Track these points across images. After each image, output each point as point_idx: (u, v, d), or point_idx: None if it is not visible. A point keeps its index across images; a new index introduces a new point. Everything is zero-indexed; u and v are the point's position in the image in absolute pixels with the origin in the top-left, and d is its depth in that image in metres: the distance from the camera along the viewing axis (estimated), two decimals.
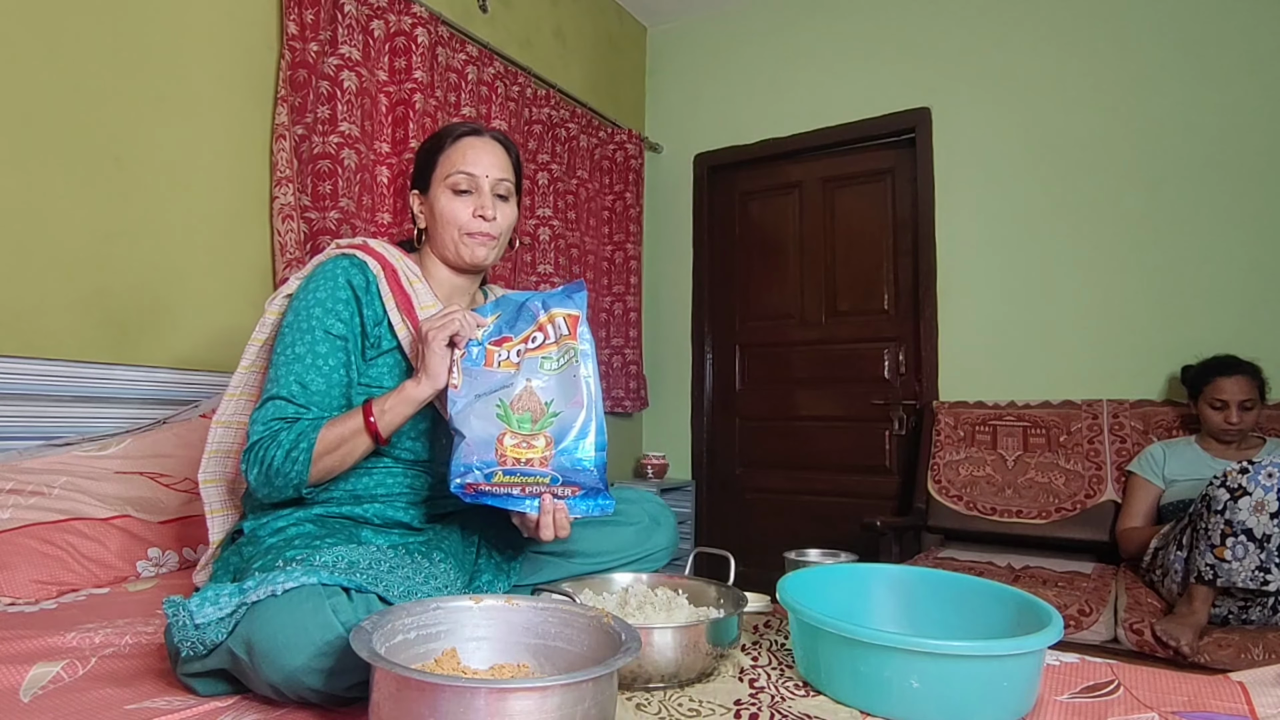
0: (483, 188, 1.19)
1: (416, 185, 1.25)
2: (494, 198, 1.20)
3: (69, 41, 1.65)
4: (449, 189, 1.19)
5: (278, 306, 1.19)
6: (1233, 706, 0.85)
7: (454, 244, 1.20)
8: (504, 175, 1.21)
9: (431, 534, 1.17)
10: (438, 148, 1.22)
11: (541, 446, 1.01)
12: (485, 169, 1.19)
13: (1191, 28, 2.62)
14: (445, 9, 2.54)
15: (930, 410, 2.89)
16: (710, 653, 0.95)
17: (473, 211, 1.18)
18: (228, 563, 1.07)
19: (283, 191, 2.00)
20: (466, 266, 1.22)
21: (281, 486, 1.04)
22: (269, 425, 1.05)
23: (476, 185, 1.19)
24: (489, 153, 1.21)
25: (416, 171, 1.26)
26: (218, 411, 1.21)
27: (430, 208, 1.22)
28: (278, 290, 1.21)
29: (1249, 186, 2.51)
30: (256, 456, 1.04)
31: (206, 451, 1.19)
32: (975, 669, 0.81)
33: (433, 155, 1.22)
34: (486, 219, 1.19)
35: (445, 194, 1.19)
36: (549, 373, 1.05)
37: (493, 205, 1.19)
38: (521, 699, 0.62)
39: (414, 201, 1.25)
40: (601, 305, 3.33)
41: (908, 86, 3.10)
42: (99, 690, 0.85)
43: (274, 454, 1.03)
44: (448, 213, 1.18)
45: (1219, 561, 1.68)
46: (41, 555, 1.28)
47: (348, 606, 0.81)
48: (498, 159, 1.22)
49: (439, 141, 1.23)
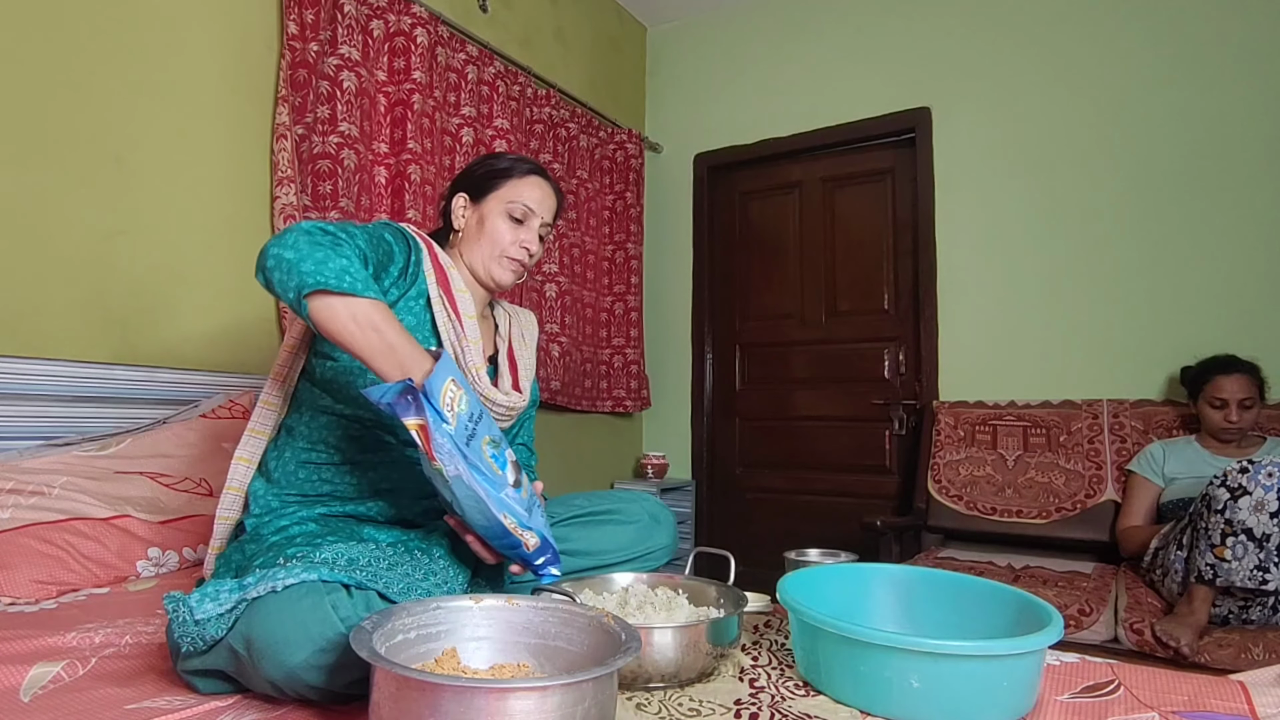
0: (533, 224, 1.31)
1: (466, 190, 1.32)
2: (537, 235, 1.31)
3: (69, 41, 1.65)
4: (507, 213, 1.29)
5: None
6: (1233, 706, 0.85)
7: (488, 260, 1.29)
8: (550, 220, 1.34)
9: (432, 530, 1.18)
10: (506, 173, 1.31)
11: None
12: (542, 210, 1.32)
13: (1191, 27, 2.61)
14: (445, 9, 2.54)
15: (930, 410, 2.89)
16: (710, 652, 0.95)
17: (519, 241, 1.29)
18: (230, 560, 1.07)
19: (284, 191, 2.00)
20: (489, 283, 1.31)
21: (283, 280, 0.93)
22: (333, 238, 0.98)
23: (529, 220, 1.30)
24: (549, 196, 1.34)
25: (471, 179, 1.33)
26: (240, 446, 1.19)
27: (479, 219, 1.30)
28: None
29: (1249, 186, 2.51)
30: (313, 236, 0.95)
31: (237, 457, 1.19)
32: (975, 669, 0.81)
33: (498, 176, 1.31)
34: (530, 251, 1.30)
35: (501, 216, 1.29)
36: (428, 469, 0.94)
37: (536, 241, 1.31)
38: (521, 699, 0.62)
39: (458, 203, 1.32)
40: (603, 305, 3.33)
41: (908, 86, 3.10)
42: (99, 690, 0.85)
43: (335, 252, 0.94)
44: (497, 232, 1.28)
45: (1219, 561, 1.68)
46: (41, 555, 1.28)
47: (347, 603, 0.81)
48: (551, 204, 1.35)
49: (509, 167, 1.32)
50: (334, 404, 1.16)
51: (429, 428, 0.89)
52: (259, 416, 1.20)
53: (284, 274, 0.93)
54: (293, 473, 1.14)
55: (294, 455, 1.15)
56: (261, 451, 1.19)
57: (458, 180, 1.36)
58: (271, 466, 1.15)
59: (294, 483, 1.14)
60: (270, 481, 1.14)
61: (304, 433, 1.16)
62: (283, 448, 1.16)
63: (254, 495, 1.14)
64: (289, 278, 0.93)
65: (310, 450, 1.15)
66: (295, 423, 1.17)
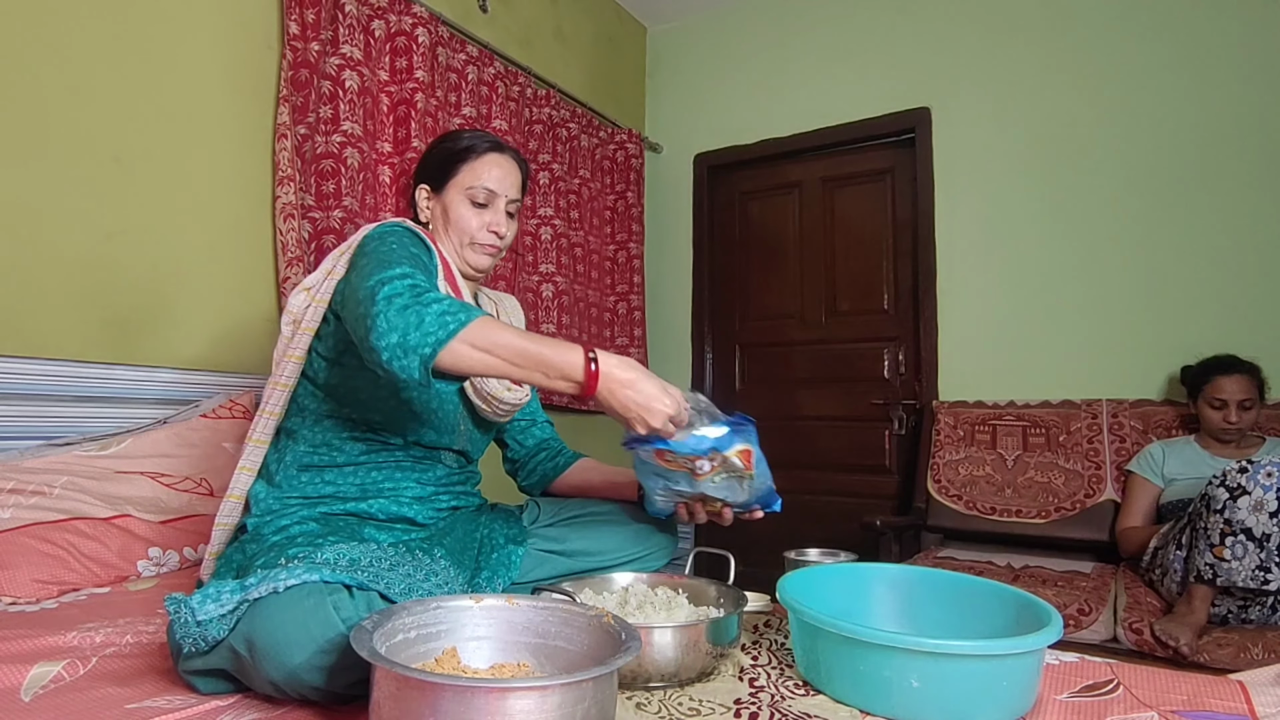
0: (499, 205, 1.27)
1: (426, 181, 1.29)
2: (505, 215, 1.27)
3: (69, 41, 1.65)
4: (468, 199, 1.25)
5: (302, 301, 1.18)
6: (1232, 706, 0.85)
7: (461, 249, 1.26)
8: (517, 195, 1.30)
9: (434, 530, 1.18)
10: (461, 156, 1.26)
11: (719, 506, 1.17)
12: (505, 189, 1.27)
13: (1191, 27, 2.61)
14: (445, 9, 2.54)
15: (930, 410, 2.89)
16: (710, 652, 0.96)
17: (486, 226, 1.25)
18: (230, 560, 1.07)
19: (285, 191, 2.00)
20: (469, 271, 1.28)
21: (406, 366, 0.92)
22: (406, 278, 0.97)
23: (493, 201, 1.26)
24: (510, 172, 1.28)
25: (429, 168, 1.29)
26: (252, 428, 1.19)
27: (443, 209, 1.26)
28: (303, 284, 1.20)
29: (1249, 186, 2.51)
30: (397, 303, 0.93)
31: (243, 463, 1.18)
32: (975, 668, 0.81)
33: (453, 161, 1.26)
34: (499, 235, 1.26)
35: (463, 203, 1.25)
36: (721, 483, 1.11)
37: (505, 222, 1.27)
38: (521, 698, 0.62)
39: (421, 195, 1.29)
40: (605, 305, 3.33)
41: (908, 86, 3.10)
42: (100, 690, 0.85)
43: (424, 306, 0.93)
44: (462, 221, 1.25)
45: (1218, 561, 1.68)
46: (42, 555, 1.28)
47: (349, 604, 0.81)
48: (515, 179, 1.30)
49: (462, 150, 1.27)
50: (338, 407, 1.16)
51: (753, 450, 1.08)
52: (263, 426, 1.18)
53: (404, 359, 0.92)
54: (294, 476, 1.14)
55: (295, 459, 1.15)
56: (263, 458, 1.18)
57: (418, 170, 1.32)
58: (273, 469, 1.15)
59: (296, 485, 1.14)
60: (272, 485, 1.14)
61: (306, 436, 1.16)
62: (283, 450, 1.16)
63: (255, 498, 1.14)
64: (410, 360, 0.92)
65: (312, 453, 1.15)
66: (297, 426, 1.17)
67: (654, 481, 1.14)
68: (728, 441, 1.06)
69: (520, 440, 1.49)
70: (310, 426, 1.16)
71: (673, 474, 1.10)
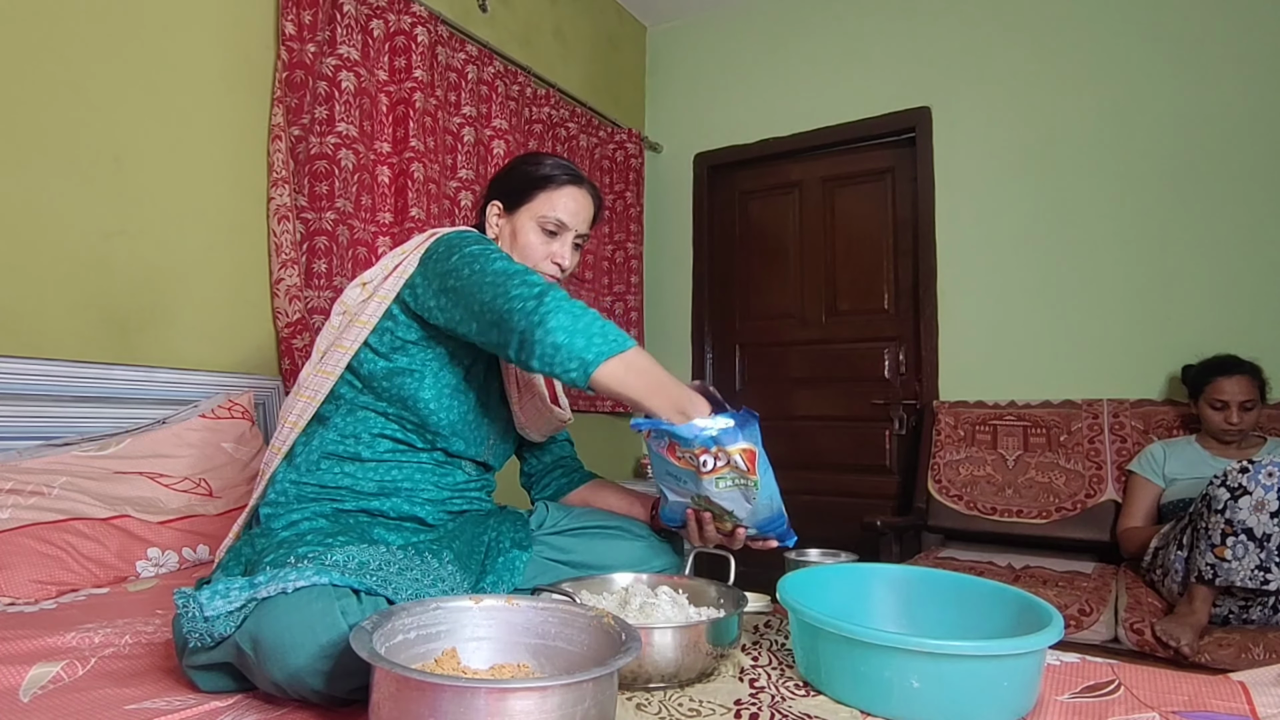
0: (567, 237, 1.28)
1: (500, 198, 1.30)
2: (571, 245, 1.28)
3: (68, 41, 1.65)
4: (539, 227, 1.26)
5: (357, 295, 1.19)
6: (1233, 706, 0.85)
7: None
8: (586, 230, 1.31)
9: (442, 532, 1.19)
10: (540, 184, 1.27)
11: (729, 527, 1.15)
12: (576, 223, 1.28)
13: (1191, 27, 2.61)
14: (445, 8, 2.53)
15: (930, 410, 2.89)
16: (710, 653, 0.95)
17: (551, 256, 1.27)
18: (239, 553, 1.07)
19: (279, 192, 2.00)
20: None
21: (583, 349, 1.01)
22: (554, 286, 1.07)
23: (563, 233, 1.27)
24: (585, 207, 1.30)
25: (505, 188, 1.30)
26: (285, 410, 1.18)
27: (513, 230, 1.28)
28: (361, 281, 1.20)
29: (1249, 186, 2.51)
30: (568, 308, 1.03)
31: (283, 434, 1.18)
32: (975, 669, 0.81)
33: (532, 186, 1.28)
34: (562, 267, 1.27)
35: (534, 229, 1.26)
36: (725, 489, 1.09)
37: (570, 254, 1.28)
38: (521, 699, 0.62)
39: (492, 211, 1.30)
40: (603, 305, 3.33)
41: (908, 86, 3.10)
42: (99, 690, 0.85)
43: (586, 316, 1.04)
44: (529, 247, 1.26)
45: (1219, 561, 1.68)
46: (41, 555, 1.28)
47: (357, 609, 0.81)
48: (588, 214, 1.31)
49: (542, 178, 1.28)
50: (375, 400, 1.17)
51: (756, 451, 1.04)
52: (299, 409, 1.16)
53: (568, 363, 1.01)
54: (315, 462, 1.15)
55: (320, 445, 1.16)
56: (293, 441, 1.18)
57: (494, 184, 1.33)
58: (297, 452, 1.17)
59: (314, 473, 1.15)
60: (292, 466, 1.16)
61: (337, 424, 1.17)
62: (311, 435, 1.18)
63: (274, 479, 1.15)
64: (571, 364, 1.01)
65: (340, 443, 1.16)
66: (330, 413, 1.18)
67: (665, 480, 1.15)
68: (732, 436, 1.05)
69: (538, 455, 1.50)
70: (343, 415, 1.17)
71: (681, 471, 1.10)
